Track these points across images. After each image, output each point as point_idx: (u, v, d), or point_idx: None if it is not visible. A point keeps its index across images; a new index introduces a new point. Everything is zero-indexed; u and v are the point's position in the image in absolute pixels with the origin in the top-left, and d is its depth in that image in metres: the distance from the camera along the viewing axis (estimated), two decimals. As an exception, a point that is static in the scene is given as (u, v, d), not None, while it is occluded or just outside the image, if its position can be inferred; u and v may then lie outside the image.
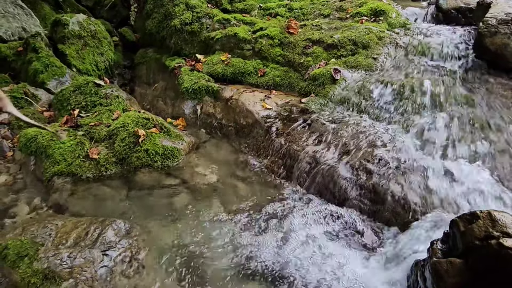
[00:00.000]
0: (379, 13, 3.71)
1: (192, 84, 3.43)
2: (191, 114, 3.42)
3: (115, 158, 2.68)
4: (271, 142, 2.79)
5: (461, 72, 2.96)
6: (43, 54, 3.62)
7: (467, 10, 3.56)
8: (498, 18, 2.84)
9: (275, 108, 3.04)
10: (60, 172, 2.53)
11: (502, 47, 2.78)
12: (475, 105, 2.61)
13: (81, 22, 3.96)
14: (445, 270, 1.45)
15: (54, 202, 2.38)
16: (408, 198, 2.09)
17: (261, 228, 2.16)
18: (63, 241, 1.91)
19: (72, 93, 3.20)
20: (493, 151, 2.29)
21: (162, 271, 1.88)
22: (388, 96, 2.83)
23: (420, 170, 2.22)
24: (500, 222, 1.38)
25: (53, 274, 1.73)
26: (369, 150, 2.42)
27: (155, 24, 4.15)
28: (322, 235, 2.10)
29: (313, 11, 4.09)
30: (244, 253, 1.98)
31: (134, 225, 2.12)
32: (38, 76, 3.55)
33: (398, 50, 3.27)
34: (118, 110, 3.13)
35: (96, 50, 4.03)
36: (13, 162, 2.80)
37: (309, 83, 3.22)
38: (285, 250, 2.00)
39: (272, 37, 3.59)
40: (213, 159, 2.85)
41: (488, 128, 2.42)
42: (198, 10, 4.01)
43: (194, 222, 2.20)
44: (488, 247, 1.35)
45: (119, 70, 4.30)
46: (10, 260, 1.77)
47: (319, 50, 3.42)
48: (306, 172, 2.50)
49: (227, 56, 3.65)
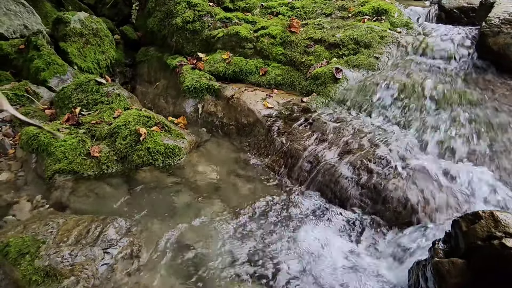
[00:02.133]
0: (381, 12, 3.70)
1: (193, 82, 3.42)
2: (193, 112, 3.42)
3: (116, 156, 2.68)
4: (272, 141, 2.79)
5: (463, 72, 2.95)
6: (45, 52, 3.62)
7: (469, 10, 3.55)
8: (501, 17, 2.83)
9: (277, 107, 3.03)
10: (61, 170, 2.53)
11: (505, 47, 2.77)
12: (477, 105, 2.60)
13: (83, 20, 3.95)
14: (447, 270, 1.44)
15: (55, 200, 2.38)
16: (410, 198, 2.09)
17: (262, 226, 2.16)
18: (64, 238, 1.91)
19: (73, 91, 3.20)
20: (496, 151, 2.28)
21: (163, 269, 1.87)
22: (390, 95, 2.82)
23: (422, 170, 2.21)
24: (503, 223, 1.37)
25: (54, 271, 1.73)
26: (370, 149, 2.42)
27: (157, 22, 4.15)
28: (323, 234, 2.09)
29: (315, 10, 4.08)
30: (245, 252, 1.98)
31: (135, 223, 2.12)
32: (39, 74, 3.55)
33: (400, 50, 3.26)
34: (120, 108, 3.13)
35: (97, 48, 4.02)
36: (15, 159, 2.80)
37: (311, 82, 3.21)
38: (285, 250, 2.00)
39: (273, 36, 3.58)
40: (214, 158, 2.85)
41: (491, 128, 2.41)
42: (200, 8, 4.00)
43: (195, 220, 2.20)
44: (490, 248, 1.34)
45: (120, 68, 4.30)
46: (11, 257, 1.77)
47: (321, 49, 3.41)
48: (307, 171, 2.49)
49: (229, 54, 3.65)
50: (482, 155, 2.29)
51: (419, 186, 2.13)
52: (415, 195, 2.10)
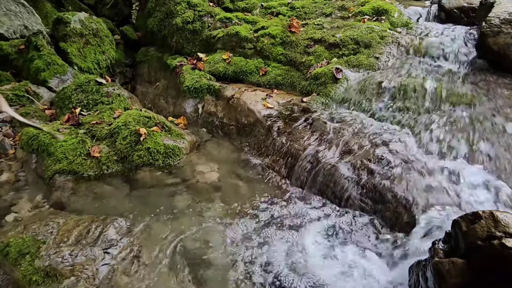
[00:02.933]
0: (381, 12, 3.70)
1: (193, 82, 3.43)
2: (193, 112, 3.42)
3: (116, 156, 2.69)
4: (272, 141, 2.79)
5: (463, 72, 2.95)
6: (45, 52, 3.62)
7: (470, 10, 3.55)
8: (501, 17, 2.83)
9: (277, 107, 3.04)
10: (61, 170, 2.53)
11: (505, 47, 2.77)
12: (477, 105, 2.60)
13: (83, 20, 3.96)
14: (447, 270, 1.44)
15: (55, 200, 2.38)
16: (410, 198, 2.09)
17: (262, 227, 2.16)
18: (64, 239, 1.91)
19: (73, 91, 3.20)
20: (496, 151, 2.28)
21: (163, 269, 1.88)
22: (390, 95, 2.82)
23: (422, 170, 2.21)
24: (503, 223, 1.37)
25: (55, 271, 1.73)
26: (370, 149, 2.42)
27: (157, 22, 4.15)
28: (323, 234, 2.09)
29: (315, 10, 4.08)
30: (245, 252, 1.98)
31: (135, 223, 2.13)
32: (40, 74, 3.55)
33: (400, 50, 3.26)
34: (120, 109, 3.13)
35: (97, 49, 4.03)
36: (15, 160, 2.80)
37: (311, 82, 3.21)
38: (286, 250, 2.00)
39: (274, 36, 3.58)
40: (214, 158, 2.85)
41: (491, 128, 2.41)
42: (200, 8, 4.00)
43: (195, 220, 2.20)
44: (490, 248, 1.34)
45: (120, 68, 4.30)
46: (11, 257, 1.78)
47: (321, 49, 3.41)
48: (308, 171, 2.49)
49: (229, 55, 3.65)
50: (483, 154, 2.29)
51: (419, 186, 2.13)
52: (415, 195, 2.10)
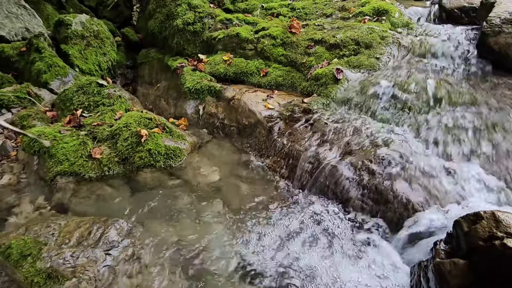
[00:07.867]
0: (381, 12, 3.70)
1: (194, 84, 3.43)
2: (194, 114, 3.43)
3: (117, 158, 2.69)
4: (273, 142, 2.79)
5: (464, 72, 2.95)
6: (46, 54, 3.63)
7: (470, 10, 3.55)
8: (502, 17, 2.83)
9: (277, 108, 3.04)
10: (63, 171, 2.54)
11: (506, 47, 2.76)
12: (478, 105, 2.59)
13: (84, 22, 3.97)
14: (449, 271, 1.44)
15: (57, 201, 2.39)
16: (411, 198, 2.08)
17: (263, 228, 2.16)
18: (66, 240, 1.91)
19: (75, 93, 3.21)
20: (498, 151, 2.27)
21: (164, 270, 1.88)
22: (391, 96, 2.82)
23: (423, 170, 2.21)
24: (504, 223, 1.37)
25: (56, 273, 1.73)
26: (371, 150, 2.42)
27: (158, 24, 4.16)
28: (324, 234, 2.09)
29: (315, 11, 4.08)
30: (245, 253, 1.98)
31: (137, 224, 2.13)
32: (41, 76, 3.56)
33: (401, 50, 3.26)
34: (121, 110, 3.14)
35: (99, 50, 4.04)
36: (17, 161, 2.81)
37: (312, 83, 3.21)
38: (286, 250, 2.00)
39: (274, 37, 3.58)
40: (215, 159, 2.85)
41: (492, 128, 2.41)
42: (200, 10, 4.01)
43: (196, 221, 2.20)
44: (492, 248, 1.34)
45: (121, 70, 4.31)
46: (13, 259, 1.78)
47: (321, 50, 3.41)
48: (309, 172, 2.49)
49: (229, 56, 3.65)
50: (484, 154, 2.28)
51: (420, 186, 2.12)
52: (416, 195, 2.09)
